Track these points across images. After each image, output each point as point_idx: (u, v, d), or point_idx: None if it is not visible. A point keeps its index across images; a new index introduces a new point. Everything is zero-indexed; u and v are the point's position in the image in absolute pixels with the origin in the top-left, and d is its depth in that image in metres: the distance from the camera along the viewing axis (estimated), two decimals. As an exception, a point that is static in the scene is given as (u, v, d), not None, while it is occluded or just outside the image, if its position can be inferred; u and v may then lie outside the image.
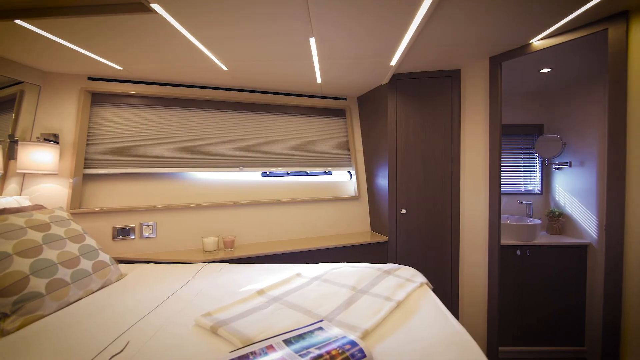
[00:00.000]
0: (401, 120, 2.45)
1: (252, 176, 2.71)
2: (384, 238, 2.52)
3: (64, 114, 2.10)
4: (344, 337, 0.98)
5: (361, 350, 0.91)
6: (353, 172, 2.93)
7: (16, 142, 1.95)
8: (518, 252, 2.46)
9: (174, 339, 1.07)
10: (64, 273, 1.34)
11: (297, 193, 2.77)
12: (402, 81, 2.43)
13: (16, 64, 1.92)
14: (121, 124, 2.27)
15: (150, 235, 2.23)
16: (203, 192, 2.47)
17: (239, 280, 1.59)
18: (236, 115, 2.59)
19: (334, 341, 0.96)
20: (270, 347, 0.95)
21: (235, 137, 2.57)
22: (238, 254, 2.18)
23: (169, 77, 2.28)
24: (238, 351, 0.95)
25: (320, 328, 1.07)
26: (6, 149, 1.95)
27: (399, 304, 1.26)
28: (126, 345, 1.03)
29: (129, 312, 1.25)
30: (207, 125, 2.49)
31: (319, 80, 2.40)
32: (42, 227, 1.44)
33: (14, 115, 2.02)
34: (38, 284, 1.24)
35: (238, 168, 2.54)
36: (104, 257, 1.59)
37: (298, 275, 1.61)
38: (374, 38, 1.67)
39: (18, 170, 1.85)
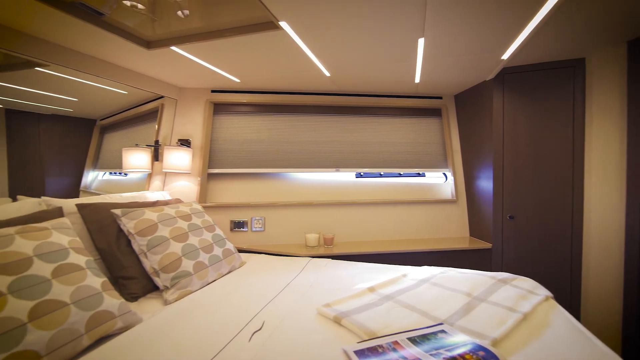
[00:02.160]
0: (509, 118, 2.26)
1: (346, 177, 2.80)
2: (487, 245, 2.35)
3: (194, 122, 2.48)
4: (473, 343, 0.96)
5: (496, 358, 0.88)
6: (449, 174, 2.80)
7: (159, 146, 2.37)
8: (663, 272, 2.05)
9: (301, 324, 1.18)
10: (204, 257, 1.59)
11: (390, 194, 2.76)
12: (511, 75, 2.24)
13: (160, 82, 2.32)
14: (235, 129, 2.58)
15: (259, 229, 2.48)
16: (303, 191, 2.65)
17: (346, 276, 1.67)
18: (333, 118, 2.70)
19: (463, 345, 0.95)
20: (397, 344, 0.98)
21: (332, 139, 2.69)
22: (337, 251, 2.28)
23: (276, 86, 2.50)
24: (365, 343, 1.00)
25: (443, 331, 1.06)
26: (152, 152, 2.38)
27: (525, 316, 1.17)
28: (263, 324, 1.17)
29: (257, 296, 1.42)
30: (307, 128, 2.67)
31: (417, 80, 2.36)
32: (186, 217, 1.72)
33: (157, 125, 2.45)
34: (187, 265, 1.49)
35: (335, 169, 2.65)
36: (229, 245, 1.82)
37: (404, 276, 1.61)
38: (488, 33, 1.58)
39: (164, 170, 2.24)
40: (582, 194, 2.07)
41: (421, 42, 1.66)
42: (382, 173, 2.86)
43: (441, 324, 1.12)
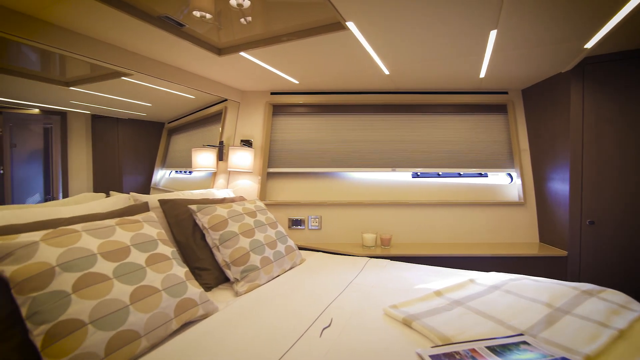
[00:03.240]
0: (590, 113, 2.04)
1: (402, 176, 2.74)
2: (562, 252, 2.15)
3: (255, 123, 2.60)
4: (563, 358, 0.89)
5: (594, 378, 0.80)
6: (515, 175, 2.61)
7: (223, 146, 2.51)
8: None
9: (369, 323, 1.18)
10: (269, 252, 1.66)
11: (449, 195, 2.65)
12: (593, 66, 2.02)
13: (226, 86, 2.46)
14: (293, 130, 2.65)
15: (316, 227, 2.53)
16: (359, 191, 2.65)
17: (408, 278, 1.63)
18: (390, 117, 2.66)
19: (551, 359, 0.88)
20: (475, 352, 0.94)
21: (388, 139, 2.65)
22: (394, 252, 2.24)
23: (333, 86, 2.52)
24: (440, 348, 0.97)
25: (525, 342, 0.99)
26: (217, 152, 2.53)
27: (621, 333, 1.05)
28: (331, 321, 1.19)
29: (321, 293, 1.45)
30: (363, 128, 2.66)
31: (482, 75, 2.23)
32: (252, 214, 1.81)
33: (220, 127, 2.60)
34: (255, 259, 1.57)
35: (391, 168, 2.61)
36: (290, 242, 1.88)
37: (471, 281, 1.54)
38: (573, 20, 1.44)
39: (228, 169, 2.38)
40: (683, 199, 1.81)
41: (493, 34, 1.56)
42: (440, 173, 2.76)
43: (521, 334, 1.05)
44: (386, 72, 2.14)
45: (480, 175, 2.77)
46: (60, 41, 1.46)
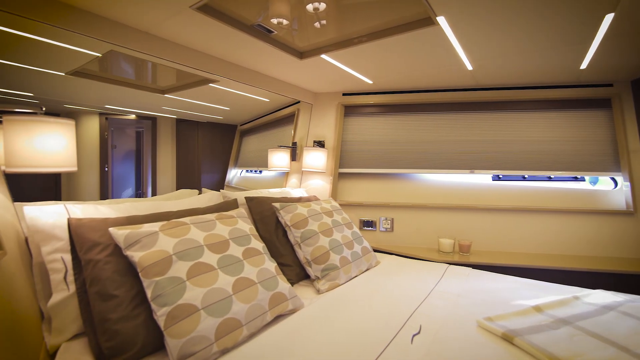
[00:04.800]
0: None
1: (481, 179, 2.55)
2: (687, 272, 1.81)
3: (327, 124, 2.64)
4: None
5: None
6: (622, 179, 2.27)
7: (296, 147, 2.59)
8: None
9: (463, 334, 1.11)
10: (346, 253, 1.66)
11: (537, 201, 2.40)
12: None
13: (300, 89, 2.54)
14: (364, 130, 2.64)
15: (387, 229, 2.49)
16: (433, 193, 2.54)
17: (499, 290, 1.51)
18: (468, 116, 2.51)
19: None
20: (600, 379, 0.83)
21: (466, 138, 2.49)
22: (474, 259, 2.10)
23: (408, 85, 2.44)
24: (553, 370, 0.88)
25: (664, 376, 0.85)
26: (290, 153, 2.62)
27: None
28: (420, 328, 1.15)
29: (403, 297, 1.41)
30: (438, 127, 2.54)
31: (583, 66, 1.97)
32: (329, 213, 1.83)
33: (293, 130, 2.69)
34: (335, 259, 1.58)
35: (469, 170, 2.45)
36: (366, 243, 1.86)
37: (576, 298, 1.37)
38: None
39: (303, 169, 2.46)
40: None
41: (608, 18, 1.37)
42: (526, 176, 2.51)
43: (656, 366, 0.90)
44: (469, 67, 2.01)
45: (576, 179, 2.47)
46: (169, 53, 1.63)
